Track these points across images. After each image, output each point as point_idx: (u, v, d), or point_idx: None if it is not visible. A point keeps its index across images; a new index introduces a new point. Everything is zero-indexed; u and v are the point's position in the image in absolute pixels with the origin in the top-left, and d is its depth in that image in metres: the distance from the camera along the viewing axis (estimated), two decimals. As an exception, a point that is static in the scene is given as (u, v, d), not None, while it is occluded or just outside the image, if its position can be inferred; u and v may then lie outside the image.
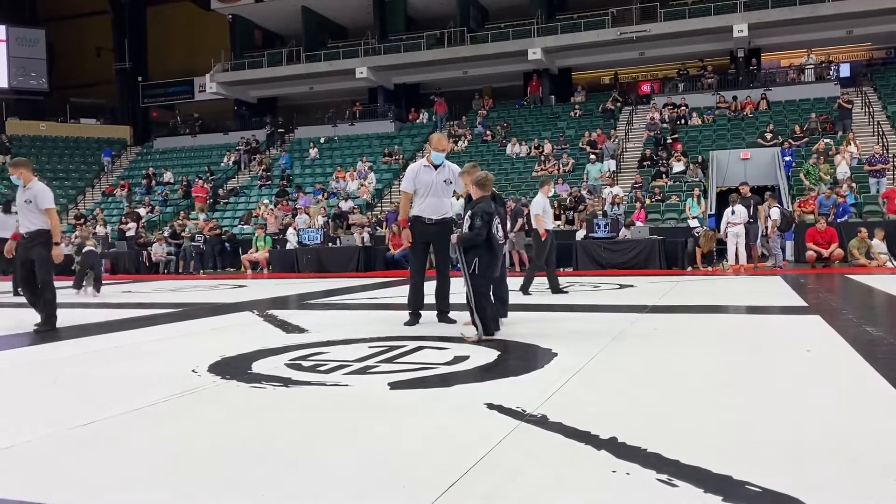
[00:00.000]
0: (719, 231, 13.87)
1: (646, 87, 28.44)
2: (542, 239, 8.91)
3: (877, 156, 17.37)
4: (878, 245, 13.52)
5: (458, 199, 7.27)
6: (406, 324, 5.91)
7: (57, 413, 3.22)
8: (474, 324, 5.03)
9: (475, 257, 5.05)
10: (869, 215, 15.60)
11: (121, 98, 35.79)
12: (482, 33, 29.17)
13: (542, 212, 9.00)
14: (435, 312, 6.15)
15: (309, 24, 31.57)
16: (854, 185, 16.69)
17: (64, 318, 6.88)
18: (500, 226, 5.19)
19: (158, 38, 36.60)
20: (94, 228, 18.95)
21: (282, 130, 31.13)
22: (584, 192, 19.25)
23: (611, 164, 21.16)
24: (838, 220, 14.74)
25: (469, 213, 5.12)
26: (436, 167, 6.09)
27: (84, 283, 11.76)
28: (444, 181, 6.07)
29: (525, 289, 8.96)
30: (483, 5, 30.93)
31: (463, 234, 5.12)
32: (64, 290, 11.65)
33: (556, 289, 9.09)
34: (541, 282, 9.36)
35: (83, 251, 11.86)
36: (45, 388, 3.85)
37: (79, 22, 36.75)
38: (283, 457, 2.47)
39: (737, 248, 13.08)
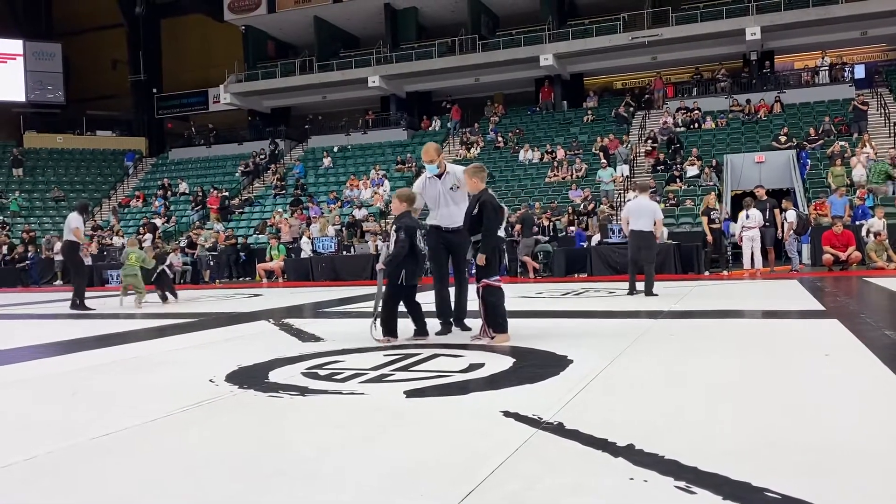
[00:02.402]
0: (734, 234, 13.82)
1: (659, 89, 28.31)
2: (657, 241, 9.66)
3: (893, 158, 17.18)
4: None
5: None
6: (438, 333, 5.83)
7: (77, 424, 3.25)
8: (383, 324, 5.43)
9: (403, 269, 5.38)
10: (887, 218, 15.42)
11: (136, 110, 36.15)
12: (493, 40, 29.21)
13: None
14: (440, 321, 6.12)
15: (321, 34, 31.77)
16: (873, 186, 16.54)
17: (81, 329, 6.94)
18: (423, 237, 5.58)
19: (173, 50, 36.95)
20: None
21: (294, 140, 31.30)
22: (603, 200, 19.17)
23: (624, 170, 21.11)
24: (856, 223, 14.59)
25: (394, 227, 5.43)
26: (438, 176, 6.05)
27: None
28: (451, 188, 5.99)
29: (649, 290, 9.18)
30: (494, 12, 30.99)
31: (389, 254, 5.42)
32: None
33: (649, 291, 9.26)
34: (555, 287, 9.33)
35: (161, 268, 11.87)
36: (65, 399, 3.89)
37: (94, 35, 37.15)
38: (302, 465, 2.48)
39: (752, 252, 12.97)
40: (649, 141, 22.41)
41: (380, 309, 5.46)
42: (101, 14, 36.23)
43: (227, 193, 26.39)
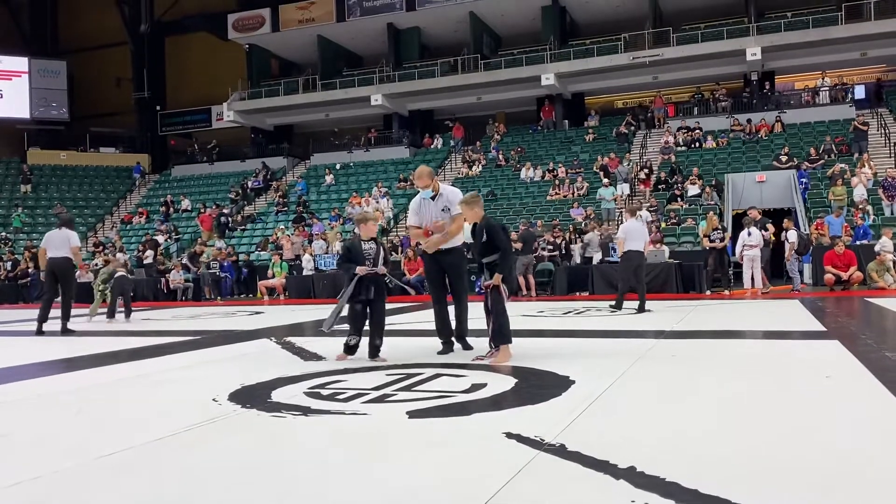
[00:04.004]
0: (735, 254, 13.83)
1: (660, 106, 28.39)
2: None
3: (890, 179, 17.17)
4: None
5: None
6: (440, 353, 5.85)
7: (82, 443, 3.26)
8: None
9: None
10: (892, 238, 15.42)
11: (139, 127, 36.33)
12: (495, 60, 29.42)
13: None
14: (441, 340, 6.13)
15: (325, 52, 32.01)
16: (870, 207, 16.57)
17: (83, 347, 6.95)
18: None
19: (176, 68, 37.19)
20: (113, 256, 19.08)
21: (297, 158, 31.45)
22: (596, 212, 19.19)
23: (624, 188, 21.16)
24: (857, 243, 14.61)
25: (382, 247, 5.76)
26: (432, 198, 6.05)
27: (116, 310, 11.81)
28: (442, 210, 5.99)
29: (620, 304, 10.09)
30: (496, 32, 31.24)
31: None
32: (80, 318, 11.77)
33: (620, 304, 10.11)
34: (556, 306, 9.34)
35: (115, 276, 11.91)
36: (69, 417, 3.90)
37: (99, 53, 37.41)
38: (305, 487, 2.49)
39: (752, 272, 12.97)
40: (644, 170, 22.36)
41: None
42: (106, 32, 36.50)
43: (227, 210, 26.45)
